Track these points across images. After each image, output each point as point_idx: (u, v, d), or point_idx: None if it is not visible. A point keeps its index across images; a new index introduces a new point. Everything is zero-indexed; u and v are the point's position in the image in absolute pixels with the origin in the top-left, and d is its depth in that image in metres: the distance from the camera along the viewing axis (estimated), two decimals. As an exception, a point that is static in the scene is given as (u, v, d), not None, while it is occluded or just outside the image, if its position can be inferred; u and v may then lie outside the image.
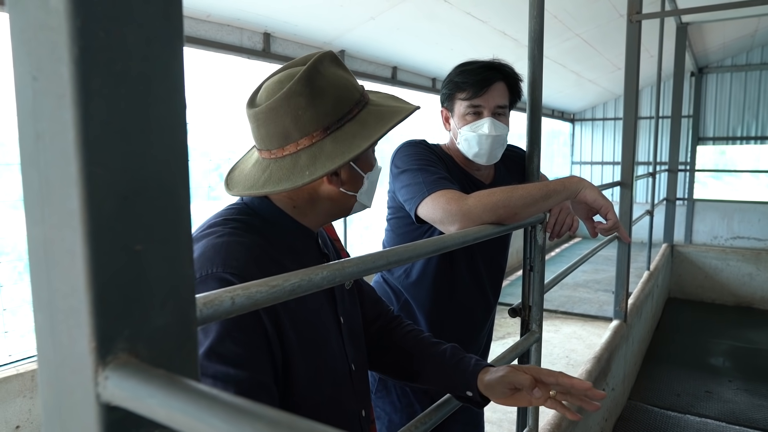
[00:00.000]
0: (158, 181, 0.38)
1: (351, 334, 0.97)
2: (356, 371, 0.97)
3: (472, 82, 1.37)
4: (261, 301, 0.58)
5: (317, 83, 0.82)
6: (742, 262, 5.76)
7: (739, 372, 3.96)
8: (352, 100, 0.85)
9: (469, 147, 1.40)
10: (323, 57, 0.86)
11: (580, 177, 1.21)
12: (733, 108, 8.62)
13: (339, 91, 0.83)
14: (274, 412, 0.29)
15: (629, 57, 3.02)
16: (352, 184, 0.90)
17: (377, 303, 1.15)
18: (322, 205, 0.90)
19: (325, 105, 0.82)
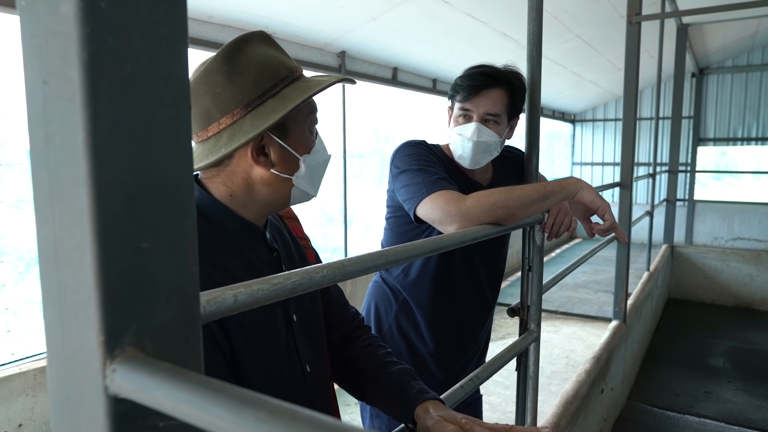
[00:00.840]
0: (164, 181, 0.39)
1: (306, 333, 0.94)
2: (312, 373, 0.93)
3: (465, 86, 1.40)
4: (263, 298, 0.59)
5: (237, 60, 0.80)
6: (742, 263, 5.76)
7: (738, 373, 3.96)
8: (276, 76, 0.81)
9: (455, 148, 1.43)
10: (250, 36, 0.84)
11: (577, 178, 1.23)
12: (733, 109, 8.63)
13: (261, 68, 0.81)
14: (276, 402, 0.31)
15: (629, 58, 3.03)
16: (285, 165, 0.85)
17: (343, 308, 1.10)
18: (259, 191, 0.85)
19: (245, 81, 0.80)
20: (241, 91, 0.80)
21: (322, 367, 0.98)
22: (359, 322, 1.11)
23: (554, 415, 1.89)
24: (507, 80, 1.40)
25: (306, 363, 0.92)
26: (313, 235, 5.31)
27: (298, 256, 0.99)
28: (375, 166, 5.51)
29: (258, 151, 0.83)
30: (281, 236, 0.98)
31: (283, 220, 1.05)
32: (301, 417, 0.29)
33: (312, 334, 0.95)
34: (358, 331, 1.08)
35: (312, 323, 0.96)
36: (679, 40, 5.79)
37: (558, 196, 1.18)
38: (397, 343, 1.50)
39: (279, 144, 0.84)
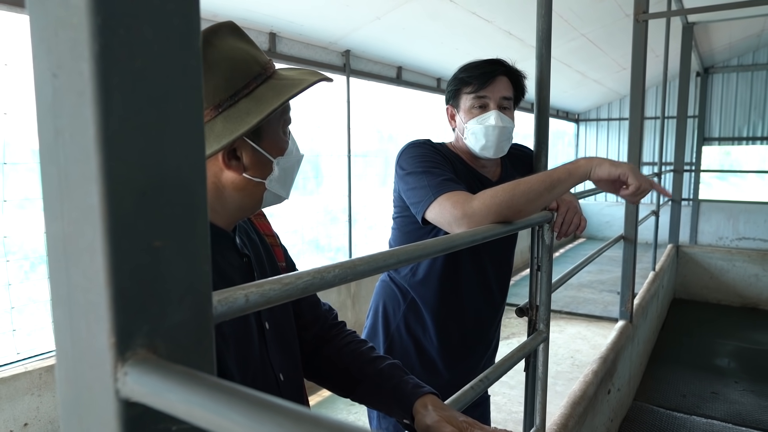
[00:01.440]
0: (176, 178, 0.38)
1: (279, 341, 0.91)
2: (285, 382, 0.90)
3: (477, 75, 1.40)
4: (274, 298, 0.58)
5: (207, 57, 0.74)
6: (748, 263, 5.73)
7: (745, 373, 3.94)
8: (249, 73, 0.76)
9: (476, 140, 1.41)
10: (218, 27, 0.78)
11: (589, 157, 1.16)
12: (739, 108, 8.59)
13: (232, 64, 0.75)
14: (297, 408, 0.29)
15: (636, 57, 3.01)
16: (257, 169, 0.80)
17: (314, 306, 1.06)
18: (230, 196, 0.81)
19: (216, 80, 0.74)
20: (211, 90, 0.75)
21: (295, 374, 0.95)
22: (333, 319, 1.08)
23: (562, 415, 1.88)
24: (507, 66, 1.44)
25: (279, 372, 0.90)
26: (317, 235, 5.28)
27: (267, 258, 0.95)
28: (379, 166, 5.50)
29: (229, 155, 0.78)
30: (250, 240, 0.94)
31: (250, 219, 1.01)
32: (323, 423, 0.28)
33: (284, 342, 0.92)
34: (334, 329, 1.05)
35: (284, 330, 0.93)
36: (684, 39, 5.76)
37: (566, 184, 1.13)
38: (405, 343, 1.49)
39: (252, 147, 0.79)
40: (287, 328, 0.95)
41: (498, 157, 1.45)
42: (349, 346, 1.01)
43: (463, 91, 1.43)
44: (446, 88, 1.50)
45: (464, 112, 1.43)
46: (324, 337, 1.04)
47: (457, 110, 1.46)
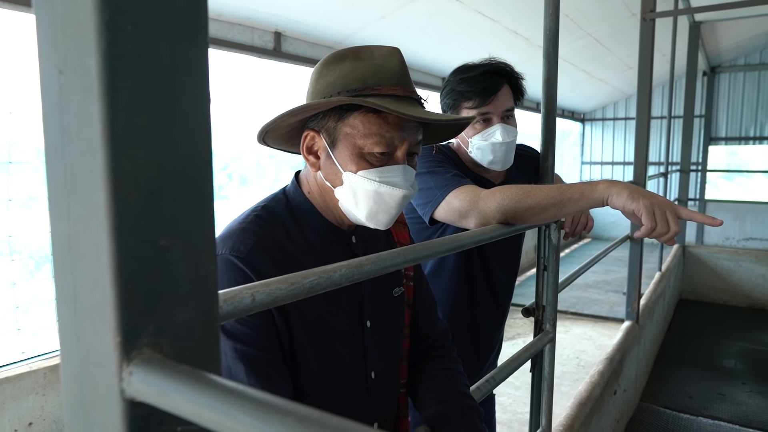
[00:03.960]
0: (184, 176, 0.38)
1: (380, 341, 0.93)
2: (376, 380, 0.93)
3: (477, 91, 1.34)
4: (281, 298, 0.57)
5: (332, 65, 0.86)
6: (755, 263, 5.70)
7: (752, 374, 3.91)
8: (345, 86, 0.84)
9: (483, 155, 1.38)
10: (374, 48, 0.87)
11: (609, 182, 1.06)
12: (746, 108, 8.54)
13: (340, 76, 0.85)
14: (304, 409, 0.29)
15: (642, 56, 2.99)
16: (329, 174, 0.86)
17: (432, 322, 1.08)
18: (324, 195, 0.89)
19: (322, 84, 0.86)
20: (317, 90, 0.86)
21: (391, 375, 0.98)
22: (444, 340, 1.09)
23: (568, 416, 1.87)
24: (507, 74, 1.39)
25: (372, 369, 0.93)
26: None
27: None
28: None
29: (309, 149, 0.87)
30: (375, 242, 0.98)
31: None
32: (330, 424, 0.28)
33: (385, 342, 0.95)
34: (441, 350, 1.06)
35: (387, 331, 0.96)
36: (691, 38, 5.73)
37: (577, 205, 1.06)
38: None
39: (326, 149, 0.85)
40: (392, 330, 0.97)
41: (506, 168, 1.43)
42: (447, 372, 1.02)
43: (463, 105, 1.37)
44: (442, 97, 1.43)
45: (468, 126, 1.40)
46: (430, 354, 1.05)
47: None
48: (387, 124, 0.83)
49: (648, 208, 1.00)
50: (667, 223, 1.00)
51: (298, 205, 0.89)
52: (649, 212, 1.00)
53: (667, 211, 1.00)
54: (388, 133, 0.83)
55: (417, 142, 0.87)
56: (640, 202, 1.00)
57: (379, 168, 0.84)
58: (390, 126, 0.83)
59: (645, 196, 1.02)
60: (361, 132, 0.82)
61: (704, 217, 1.04)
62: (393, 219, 0.87)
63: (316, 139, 0.86)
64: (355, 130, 0.82)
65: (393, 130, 0.83)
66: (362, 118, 0.82)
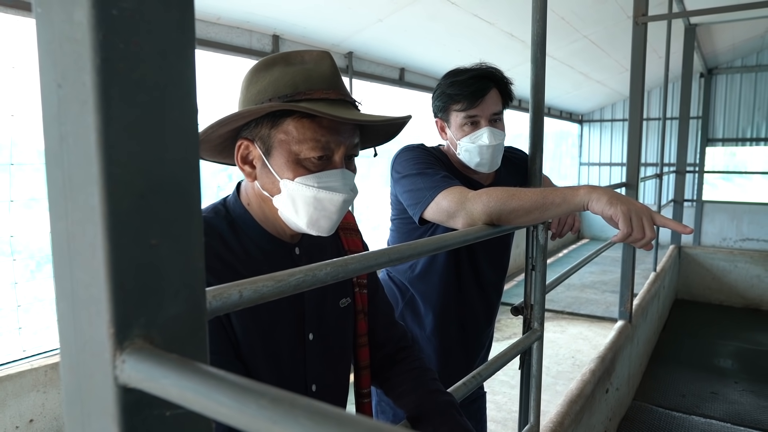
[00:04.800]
0: (172, 181, 0.41)
1: (321, 353, 0.93)
2: (317, 393, 0.93)
3: (466, 94, 1.38)
4: (267, 294, 0.61)
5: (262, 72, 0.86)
6: (750, 264, 5.73)
7: (745, 373, 3.95)
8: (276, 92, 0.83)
9: (471, 157, 1.42)
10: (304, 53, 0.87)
11: (590, 187, 1.09)
12: (743, 109, 8.57)
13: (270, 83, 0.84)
14: (277, 391, 0.32)
15: (635, 59, 3.03)
16: (266, 184, 0.85)
17: (390, 327, 1.09)
18: (263, 206, 0.88)
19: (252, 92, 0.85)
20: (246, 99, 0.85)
21: (336, 387, 0.97)
22: (405, 341, 1.10)
23: (558, 414, 1.90)
24: (496, 78, 1.42)
25: (312, 382, 0.92)
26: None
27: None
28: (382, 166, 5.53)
29: (244, 159, 0.86)
30: (320, 253, 0.96)
31: (338, 232, 1.04)
32: (299, 404, 0.31)
33: (329, 354, 0.95)
34: (404, 352, 1.08)
35: (332, 343, 0.95)
36: (687, 40, 5.77)
37: (559, 209, 1.10)
38: (402, 341, 1.52)
39: (261, 158, 0.84)
40: (338, 341, 0.97)
41: (493, 170, 1.47)
42: (413, 372, 1.03)
43: (453, 108, 1.41)
44: (434, 99, 1.47)
45: (456, 128, 1.43)
46: (394, 357, 1.06)
47: (448, 125, 1.45)
48: (321, 128, 0.82)
49: (625, 214, 1.03)
50: (642, 229, 1.03)
51: (237, 217, 0.88)
52: (625, 218, 1.03)
53: (643, 217, 1.03)
54: (324, 138, 0.82)
55: (354, 144, 0.87)
56: (617, 208, 1.03)
57: (317, 173, 0.83)
58: (325, 130, 0.82)
59: (623, 202, 1.04)
60: (295, 138, 0.82)
61: (676, 224, 1.07)
62: (335, 225, 0.86)
63: (250, 148, 0.85)
64: (290, 136, 0.82)
65: (328, 134, 0.83)
66: (296, 124, 0.81)
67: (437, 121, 1.49)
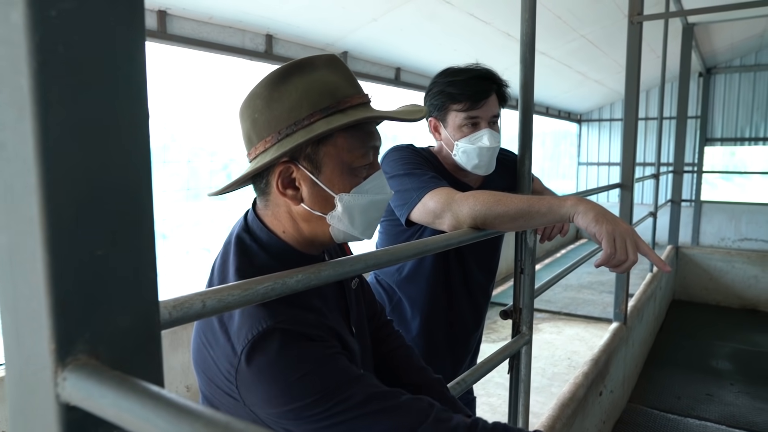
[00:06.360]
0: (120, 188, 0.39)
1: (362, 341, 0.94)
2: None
3: (469, 94, 1.36)
4: (233, 303, 0.59)
5: (280, 86, 0.78)
6: (747, 264, 5.72)
7: (741, 375, 3.94)
8: (314, 105, 0.78)
9: (469, 159, 1.40)
10: (315, 58, 0.82)
11: (577, 199, 1.08)
12: (741, 109, 8.56)
13: (300, 96, 0.78)
14: (213, 413, 0.31)
15: (630, 59, 3.01)
16: (318, 202, 0.81)
17: (373, 303, 1.11)
18: (303, 227, 0.83)
19: (281, 109, 0.78)
20: (275, 118, 0.78)
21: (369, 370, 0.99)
22: (385, 317, 1.12)
23: (549, 417, 1.89)
24: (496, 80, 1.40)
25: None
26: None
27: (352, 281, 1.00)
28: (378, 166, 5.50)
29: (286, 183, 0.80)
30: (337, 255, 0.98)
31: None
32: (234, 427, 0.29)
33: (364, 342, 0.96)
34: (386, 328, 1.09)
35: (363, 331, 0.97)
36: (684, 39, 5.76)
37: (544, 218, 1.09)
38: (389, 345, 1.50)
39: (310, 178, 0.80)
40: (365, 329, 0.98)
41: (489, 173, 1.45)
42: (400, 350, 1.05)
43: (452, 107, 1.38)
44: (429, 98, 1.43)
45: (453, 128, 1.40)
46: (378, 336, 1.06)
47: (444, 125, 1.42)
48: (365, 135, 0.82)
49: (610, 234, 1.01)
50: (626, 251, 1.00)
51: (280, 253, 0.82)
52: (610, 238, 1.01)
53: (627, 240, 1.01)
54: (368, 143, 0.83)
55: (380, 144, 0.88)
56: (603, 227, 1.01)
57: (367, 179, 0.83)
58: (367, 135, 0.83)
59: (609, 221, 1.02)
60: (345, 149, 0.80)
61: (658, 259, 1.06)
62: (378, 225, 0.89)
63: (292, 170, 0.80)
64: (340, 149, 0.80)
65: (369, 140, 0.83)
66: (345, 135, 0.80)
67: (431, 121, 1.45)
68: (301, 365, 0.71)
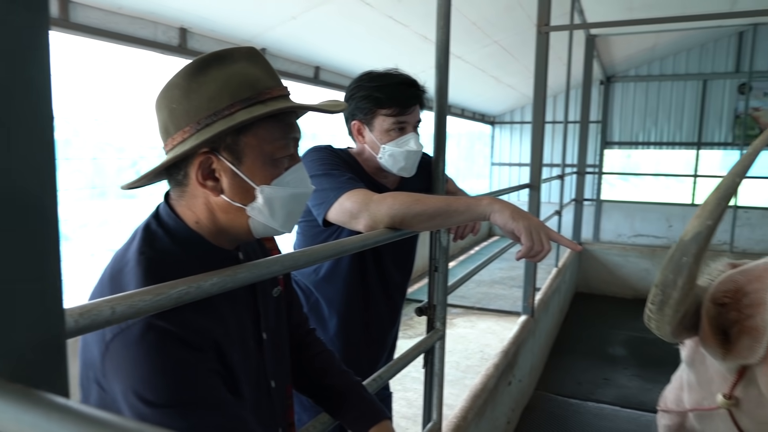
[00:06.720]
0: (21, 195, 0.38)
1: (274, 348, 0.93)
2: (276, 388, 0.94)
3: (399, 100, 1.40)
4: (144, 309, 0.58)
5: (200, 77, 0.77)
6: (640, 258, 6.25)
7: (633, 359, 4.30)
8: (235, 96, 0.77)
9: (395, 162, 1.44)
10: (234, 51, 0.81)
11: (492, 199, 1.15)
12: (636, 115, 9.28)
13: (220, 86, 0.77)
14: (124, 421, 0.31)
15: (539, 66, 3.19)
16: (237, 193, 0.80)
17: (300, 311, 1.13)
18: (220, 218, 0.82)
19: (200, 99, 0.77)
20: (194, 108, 0.77)
21: (285, 382, 0.99)
22: (308, 325, 1.14)
23: (462, 408, 1.97)
24: (420, 87, 1.46)
25: (272, 379, 0.93)
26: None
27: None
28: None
29: (206, 174, 0.79)
30: (254, 253, 0.97)
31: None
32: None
33: (279, 348, 0.95)
34: (309, 336, 1.11)
35: (279, 337, 0.96)
36: (587, 49, 6.17)
37: (462, 216, 1.15)
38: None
39: (230, 169, 0.79)
40: (281, 336, 0.97)
41: (411, 175, 1.49)
42: (322, 355, 1.09)
43: (380, 112, 1.41)
44: (353, 102, 1.45)
45: (380, 132, 1.43)
46: (301, 343, 1.08)
47: (370, 128, 1.44)
48: (285, 126, 0.82)
49: (527, 229, 1.10)
50: (542, 242, 1.10)
51: (187, 240, 0.81)
52: (527, 232, 1.10)
53: (541, 232, 1.11)
54: (290, 134, 0.83)
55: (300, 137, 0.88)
56: (520, 223, 1.10)
57: (287, 171, 0.83)
58: (286, 126, 0.83)
59: (524, 217, 1.11)
60: (267, 139, 0.80)
61: (568, 241, 1.17)
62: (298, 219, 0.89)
63: (212, 161, 0.78)
64: (261, 139, 0.80)
65: (290, 131, 0.83)
66: (266, 126, 0.79)
67: (355, 124, 1.47)
68: (166, 364, 0.69)
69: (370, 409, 1.03)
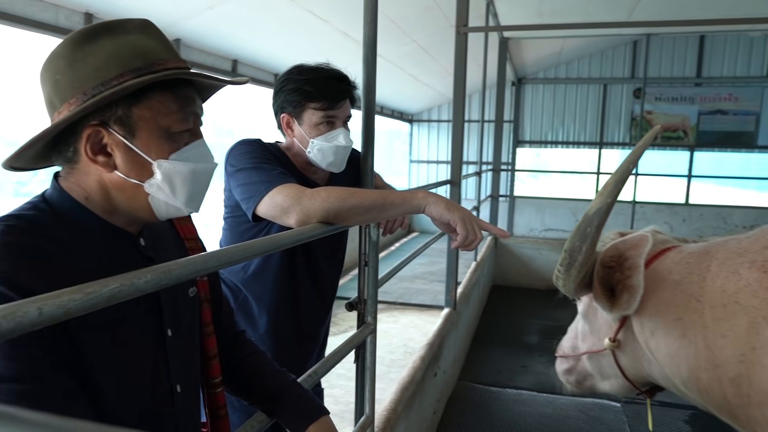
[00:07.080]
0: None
1: (181, 350, 0.87)
2: (182, 393, 0.87)
3: (328, 94, 1.39)
4: (75, 309, 0.54)
5: (86, 46, 0.73)
6: (551, 251, 6.63)
7: (548, 347, 4.55)
8: (124, 66, 0.73)
9: (324, 156, 1.42)
10: (125, 22, 0.76)
11: (426, 192, 1.19)
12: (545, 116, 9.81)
13: (109, 56, 0.72)
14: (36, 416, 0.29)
15: (458, 65, 3.29)
16: (132, 170, 0.76)
17: (230, 314, 1.10)
18: (116, 198, 0.77)
19: (86, 69, 0.72)
20: (80, 78, 0.72)
21: (195, 386, 0.93)
22: (238, 327, 1.12)
23: (391, 401, 2.00)
24: (350, 82, 1.47)
25: (176, 382, 0.86)
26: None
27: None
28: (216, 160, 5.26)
29: (96, 149, 0.74)
30: (163, 241, 0.90)
31: (172, 220, 0.96)
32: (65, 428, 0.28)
33: (188, 350, 0.89)
34: (239, 338, 1.09)
35: (188, 339, 0.90)
36: (500, 51, 6.43)
37: (398, 209, 1.17)
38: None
39: (123, 143, 0.74)
40: (192, 339, 0.91)
41: (340, 171, 1.49)
42: (253, 356, 1.07)
43: (309, 105, 1.40)
44: (283, 94, 1.42)
45: (309, 126, 1.41)
46: (231, 346, 1.07)
47: (299, 122, 1.42)
48: (182, 99, 0.78)
49: (462, 219, 1.14)
50: (475, 231, 1.16)
51: (70, 213, 0.75)
52: (462, 223, 1.14)
53: (473, 222, 1.16)
54: (187, 108, 0.79)
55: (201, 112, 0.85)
56: (455, 214, 1.14)
57: (188, 146, 0.79)
58: (184, 99, 0.79)
59: (457, 209, 1.16)
60: (162, 112, 0.76)
61: (496, 229, 1.25)
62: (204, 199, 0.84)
63: (102, 134, 0.74)
64: (155, 112, 0.75)
65: (188, 104, 0.79)
66: (160, 97, 0.76)
67: (284, 117, 1.44)
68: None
69: (307, 407, 1.02)
